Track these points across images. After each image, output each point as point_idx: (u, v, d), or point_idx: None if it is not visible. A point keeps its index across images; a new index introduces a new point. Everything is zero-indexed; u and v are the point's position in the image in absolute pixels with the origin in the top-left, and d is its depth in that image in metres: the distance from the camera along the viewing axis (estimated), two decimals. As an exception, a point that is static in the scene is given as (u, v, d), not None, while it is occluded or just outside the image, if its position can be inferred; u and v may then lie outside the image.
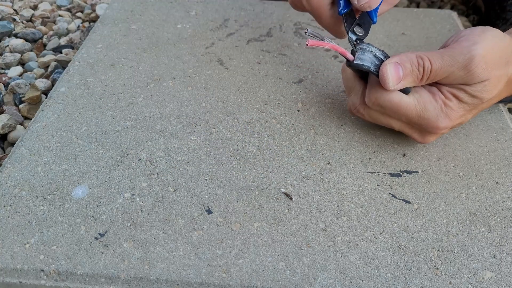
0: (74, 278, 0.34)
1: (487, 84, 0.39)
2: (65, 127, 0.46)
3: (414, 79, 0.39)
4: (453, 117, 0.40)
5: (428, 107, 0.39)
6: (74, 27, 0.76)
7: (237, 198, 0.39)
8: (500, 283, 0.34)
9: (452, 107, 0.40)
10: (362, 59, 0.40)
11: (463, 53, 0.38)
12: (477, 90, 0.39)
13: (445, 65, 0.38)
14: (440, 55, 0.38)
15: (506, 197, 0.40)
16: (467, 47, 0.38)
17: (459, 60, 0.38)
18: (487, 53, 0.38)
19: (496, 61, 0.39)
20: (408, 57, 0.39)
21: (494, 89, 0.40)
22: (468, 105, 0.40)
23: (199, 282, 0.34)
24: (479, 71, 0.38)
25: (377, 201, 0.40)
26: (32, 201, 0.39)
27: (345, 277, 0.34)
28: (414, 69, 0.39)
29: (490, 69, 0.38)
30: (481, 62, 0.38)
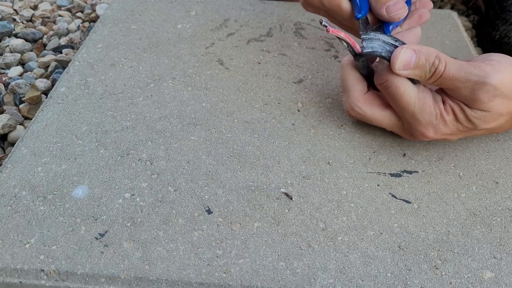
0: (74, 278, 0.34)
1: (486, 114, 0.38)
2: (65, 127, 0.46)
3: (421, 74, 0.38)
4: (441, 131, 0.40)
5: (425, 109, 0.39)
6: (74, 27, 0.76)
7: (237, 198, 0.39)
8: (500, 283, 0.34)
9: (446, 121, 0.39)
10: (372, 47, 0.39)
11: (479, 75, 0.37)
12: (474, 116, 0.38)
13: (456, 78, 0.37)
14: (459, 66, 0.37)
15: (506, 197, 0.40)
16: (486, 72, 0.37)
17: (471, 80, 0.37)
18: (502, 86, 0.37)
19: (508, 92, 0.37)
20: (428, 52, 0.38)
21: (492, 122, 0.39)
22: (462, 126, 0.39)
23: (199, 282, 0.34)
24: (484, 100, 0.37)
25: (377, 201, 0.40)
26: (32, 201, 0.39)
27: (345, 277, 0.34)
28: (426, 66, 0.38)
29: (496, 103, 0.37)
30: (490, 92, 0.37)
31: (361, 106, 0.42)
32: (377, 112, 0.42)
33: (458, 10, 0.83)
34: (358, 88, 0.42)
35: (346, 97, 0.43)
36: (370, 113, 0.42)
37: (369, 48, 0.39)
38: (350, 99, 0.43)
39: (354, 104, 0.42)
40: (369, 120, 0.43)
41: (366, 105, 0.42)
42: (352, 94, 0.42)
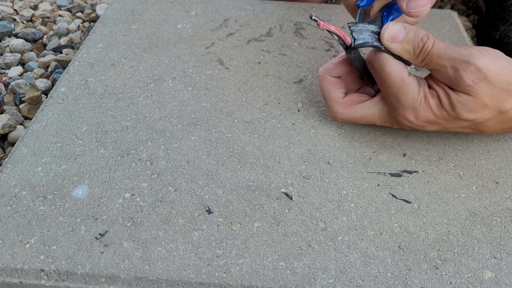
0: (74, 278, 0.34)
1: (470, 99, 0.38)
2: (65, 127, 0.46)
3: (410, 49, 0.38)
4: (423, 116, 0.40)
5: (409, 93, 0.39)
6: (74, 27, 0.76)
7: (237, 198, 0.39)
8: (500, 283, 0.34)
9: (430, 105, 0.39)
10: (362, 38, 0.39)
11: (463, 54, 0.37)
12: (459, 100, 0.38)
13: (442, 56, 0.38)
14: (446, 45, 0.38)
15: (506, 197, 0.40)
16: (471, 53, 0.37)
17: (456, 58, 0.37)
18: (486, 69, 0.37)
19: (492, 85, 0.37)
20: (417, 29, 0.39)
21: (476, 111, 0.38)
22: (445, 112, 0.39)
23: (199, 282, 0.34)
24: (468, 82, 0.37)
25: (377, 201, 0.40)
26: (32, 201, 0.39)
27: (345, 277, 0.34)
28: (415, 41, 0.38)
29: (481, 88, 0.37)
30: (474, 73, 0.37)
31: (342, 111, 0.43)
32: (359, 108, 0.43)
33: (458, 10, 0.83)
34: (335, 95, 0.43)
35: (327, 106, 0.45)
36: (353, 113, 0.43)
37: (360, 39, 0.39)
38: (330, 108, 0.44)
39: (335, 111, 0.44)
40: (355, 119, 0.44)
41: (347, 108, 0.43)
42: (331, 102, 0.44)
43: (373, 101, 0.43)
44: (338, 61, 0.43)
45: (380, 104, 0.42)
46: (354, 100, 0.43)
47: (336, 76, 0.43)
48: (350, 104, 0.43)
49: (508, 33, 0.68)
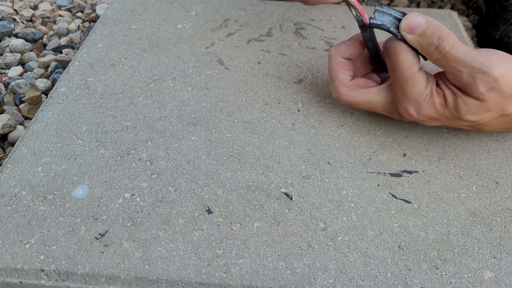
0: (74, 278, 0.34)
1: (478, 104, 0.38)
2: (65, 127, 0.46)
3: (424, 44, 0.38)
4: (424, 112, 0.40)
5: (416, 87, 0.39)
6: (74, 27, 0.76)
7: (237, 198, 0.39)
8: (500, 283, 0.34)
9: (434, 103, 0.39)
10: (382, 20, 0.39)
11: (483, 64, 0.37)
12: (465, 103, 0.38)
13: (460, 61, 0.37)
14: (466, 50, 0.37)
15: (506, 197, 0.40)
16: (491, 62, 0.37)
17: (474, 66, 0.37)
18: (502, 79, 0.37)
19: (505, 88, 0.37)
20: (439, 26, 0.38)
21: (479, 114, 0.39)
22: (448, 112, 0.39)
23: (199, 282, 0.34)
24: (482, 90, 0.37)
25: (377, 201, 0.40)
26: (32, 201, 0.39)
27: (345, 277, 0.34)
28: (432, 37, 0.37)
29: (492, 96, 0.37)
30: (489, 83, 0.37)
31: (347, 93, 0.43)
32: (364, 93, 0.43)
33: (458, 10, 0.83)
34: (342, 77, 0.43)
35: (332, 86, 0.45)
36: (357, 97, 0.43)
37: (378, 20, 0.39)
38: (336, 88, 0.44)
39: (340, 92, 0.44)
40: (358, 103, 0.44)
41: (352, 91, 0.43)
42: (337, 83, 0.44)
43: (379, 88, 0.43)
44: (351, 43, 0.43)
45: (385, 93, 0.42)
46: (360, 85, 0.44)
47: (347, 58, 0.44)
48: (355, 88, 0.43)
49: (509, 33, 0.68)
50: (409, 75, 0.39)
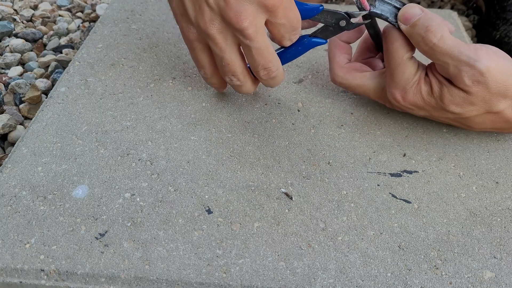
0: (74, 278, 0.34)
1: (461, 95, 0.38)
2: (65, 127, 0.46)
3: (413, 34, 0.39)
4: (411, 99, 0.41)
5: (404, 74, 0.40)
6: (74, 27, 0.76)
7: (237, 198, 0.39)
8: (500, 283, 0.34)
9: (421, 91, 0.40)
10: (382, 10, 0.40)
11: (470, 57, 0.37)
12: (449, 93, 0.39)
13: (447, 53, 0.37)
14: (454, 43, 0.37)
15: (506, 197, 0.40)
16: (478, 56, 0.37)
17: (461, 60, 0.37)
18: (489, 75, 0.37)
19: (490, 88, 0.37)
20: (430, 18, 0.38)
21: (465, 106, 0.39)
22: (434, 101, 0.40)
23: (199, 282, 0.34)
24: (467, 83, 0.37)
25: (377, 201, 0.40)
26: (32, 201, 0.39)
27: (345, 277, 0.34)
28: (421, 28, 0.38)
29: (478, 89, 0.37)
30: (475, 76, 0.37)
31: (342, 75, 0.45)
32: (358, 77, 0.44)
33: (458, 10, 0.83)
34: (339, 59, 0.45)
35: (330, 67, 0.46)
36: (351, 80, 0.44)
37: (378, 9, 0.40)
38: (332, 69, 0.45)
39: (336, 73, 0.45)
40: (352, 87, 0.45)
41: (347, 73, 0.45)
42: (333, 65, 0.45)
43: (372, 73, 0.44)
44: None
45: (378, 79, 0.44)
46: (356, 68, 0.45)
47: (345, 41, 0.45)
48: (350, 71, 0.44)
49: (508, 33, 0.68)
50: (400, 61, 0.40)
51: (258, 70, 0.40)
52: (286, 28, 0.39)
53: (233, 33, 0.37)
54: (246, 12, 0.35)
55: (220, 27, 0.36)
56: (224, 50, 0.38)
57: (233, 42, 0.38)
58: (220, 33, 0.37)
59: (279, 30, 0.39)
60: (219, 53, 0.38)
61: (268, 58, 0.39)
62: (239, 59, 0.40)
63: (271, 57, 0.39)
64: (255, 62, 0.39)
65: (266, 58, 0.39)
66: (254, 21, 0.36)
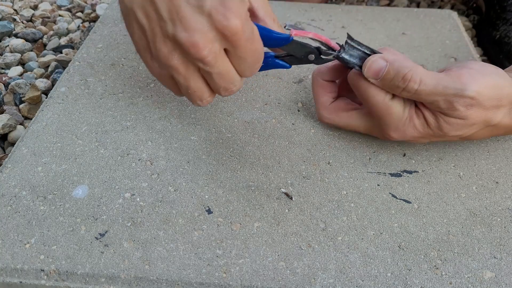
0: (74, 278, 0.34)
1: (460, 122, 0.38)
2: (65, 127, 0.46)
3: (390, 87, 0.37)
4: (409, 134, 0.40)
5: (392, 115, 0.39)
6: (74, 27, 0.76)
7: (237, 198, 0.39)
8: (500, 283, 0.34)
9: (415, 125, 0.39)
10: (350, 55, 0.39)
11: (456, 88, 0.36)
12: (447, 122, 0.38)
13: (432, 93, 0.36)
14: (436, 81, 0.36)
15: (506, 197, 0.40)
16: (464, 84, 0.36)
17: (449, 93, 0.36)
18: (480, 97, 0.36)
19: (485, 106, 0.37)
20: (401, 65, 0.37)
21: (464, 129, 0.38)
22: (432, 132, 0.39)
23: (199, 282, 0.34)
24: (461, 110, 0.37)
25: (377, 201, 0.40)
26: (32, 201, 0.39)
27: (345, 277, 0.34)
28: (395, 80, 0.37)
29: (473, 112, 0.37)
30: (467, 102, 0.36)
31: (328, 116, 0.44)
32: (344, 117, 0.43)
33: (458, 10, 0.83)
34: (323, 100, 0.44)
35: (316, 107, 0.45)
36: (338, 120, 0.43)
37: (347, 55, 0.39)
38: (317, 109, 0.44)
39: (321, 114, 0.44)
40: (340, 126, 0.44)
41: (333, 113, 0.43)
42: (318, 105, 0.44)
43: (359, 112, 0.42)
44: (332, 66, 0.43)
45: (366, 117, 0.42)
46: (341, 107, 0.43)
47: (328, 80, 0.43)
48: (336, 111, 0.43)
49: (508, 33, 0.68)
50: (383, 106, 0.38)
51: (219, 90, 0.38)
52: (247, 63, 0.36)
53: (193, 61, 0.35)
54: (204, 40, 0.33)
55: (180, 58, 0.35)
56: (188, 79, 0.36)
57: (195, 69, 0.36)
58: (181, 63, 0.35)
59: (239, 64, 0.36)
60: (184, 83, 0.37)
61: (230, 80, 0.37)
62: (205, 84, 0.38)
63: (232, 78, 0.37)
64: (217, 85, 0.37)
65: (227, 81, 0.37)
66: (213, 48, 0.34)
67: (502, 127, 0.40)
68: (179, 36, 0.33)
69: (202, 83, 0.37)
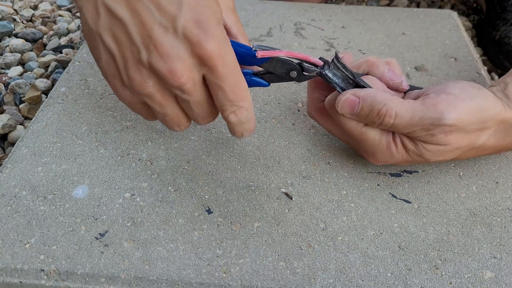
0: (74, 278, 0.34)
1: (441, 148, 0.36)
2: (65, 127, 0.46)
3: (367, 122, 0.36)
4: (388, 160, 0.38)
5: (368, 142, 0.37)
6: (74, 27, 0.76)
7: (237, 198, 0.39)
8: (500, 283, 0.34)
9: (393, 153, 0.37)
10: (334, 74, 0.37)
11: (433, 118, 0.35)
12: (429, 150, 0.36)
13: (410, 124, 0.35)
14: (411, 113, 0.35)
15: (506, 197, 0.40)
16: (440, 113, 0.34)
17: (425, 124, 0.35)
18: (460, 123, 0.35)
19: (466, 131, 0.36)
20: (375, 100, 0.35)
21: (447, 154, 0.37)
22: (411, 157, 0.37)
23: (199, 282, 0.34)
24: (441, 136, 0.35)
25: (377, 201, 0.40)
26: (32, 201, 0.39)
27: (345, 277, 0.34)
28: (371, 116, 0.36)
29: (454, 137, 0.35)
30: (446, 130, 0.35)
31: (314, 114, 0.42)
32: (329, 121, 0.41)
33: (458, 10, 0.83)
34: (315, 96, 0.41)
35: (307, 102, 0.43)
36: (322, 123, 0.42)
37: (331, 73, 0.37)
38: (307, 104, 0.43)
39: (309, 111, 0.42)
40: (326, 129, 0.42)
41: (319, 114, 0.41)
42: (309, 100, 0.42)
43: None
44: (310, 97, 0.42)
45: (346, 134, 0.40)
46: None
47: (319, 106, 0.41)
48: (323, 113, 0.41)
49: (508, 33, 0.68)
50: (357, 133, 0.37)
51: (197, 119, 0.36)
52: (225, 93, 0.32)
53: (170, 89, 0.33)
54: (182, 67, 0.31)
55: (155, 85, 0.32)
56: (165, 106, 0.34)
57: (171, 96, 0.33)
58: (157, 91, 0.33)
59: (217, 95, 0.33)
60: (160, 110, 0.34)
61: (208, 110, 0.35)
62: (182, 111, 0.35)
63: (210, 108, 0.35)
64: (194, 113, 0.35)
65: (205, 110, 0.35)
66: (191, 75, 0.31)
67: (488, 148, 0.38)
68: (155, 64, 0.31)
69: (179, 110, 0.35)
